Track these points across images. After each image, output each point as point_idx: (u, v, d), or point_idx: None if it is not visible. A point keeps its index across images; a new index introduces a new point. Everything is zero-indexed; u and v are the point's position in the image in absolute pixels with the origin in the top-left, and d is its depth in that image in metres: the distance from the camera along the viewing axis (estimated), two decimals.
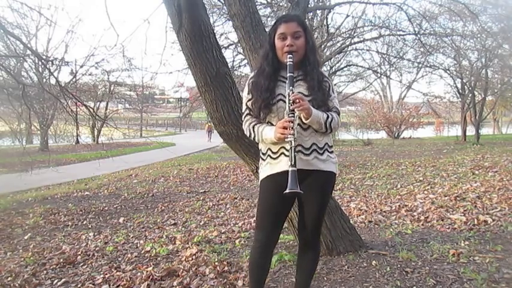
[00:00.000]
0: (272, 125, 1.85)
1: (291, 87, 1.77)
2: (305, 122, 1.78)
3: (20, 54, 11.06)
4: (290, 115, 1.73)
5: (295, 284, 2.12)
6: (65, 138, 22.11)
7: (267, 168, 1.89)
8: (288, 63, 1.81)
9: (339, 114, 1.88)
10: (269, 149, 1.88)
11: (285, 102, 1.79)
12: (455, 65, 14.22)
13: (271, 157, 1.87)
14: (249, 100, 1.91)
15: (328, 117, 1.81)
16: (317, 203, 1.88)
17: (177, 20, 2.65)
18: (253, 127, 1.89)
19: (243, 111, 1.97)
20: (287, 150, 1.78)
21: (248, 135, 1.94)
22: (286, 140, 1.73)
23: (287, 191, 1.66)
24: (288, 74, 1.80)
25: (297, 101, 1.72)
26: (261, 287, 2.01)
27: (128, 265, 3.19)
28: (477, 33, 9.91)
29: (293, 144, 1.71)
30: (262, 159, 1.93)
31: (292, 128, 1.71)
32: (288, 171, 1.72)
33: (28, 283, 2.92)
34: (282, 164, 1.80)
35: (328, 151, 1.89)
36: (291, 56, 1.81)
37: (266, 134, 1.83)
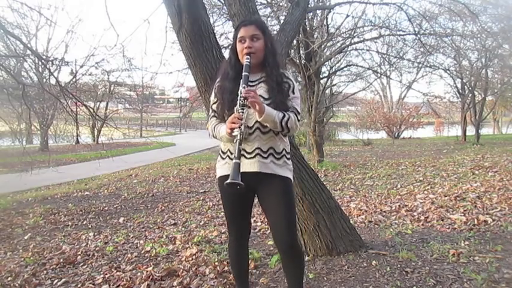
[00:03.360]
0: None
1: (243, 85, 1.82)
2: (259, 119, 1.82)
3: (20, 54, 11.02)
4: (240, 111, 1.80)
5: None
6: (65, 138, 22.04)
7: (226, 168, 1.94)
8: (244, 64, 1.88)
9: (297, 115, 1.90)
10: (229, 149, 1.95)
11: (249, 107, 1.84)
12: (455, 65, 14.19)
13: (230, 157, 1.93)
14: (214, 103, 2.00)
15: (284, 116, 1.85)
16: (279, 205, 1.90)
17: (177, 20, 2.65)
18: (214, 127, 1.98)
19: (208, 113, 2.06)
20: (247, 153, 1.87)
21: (211, 136, 2.03)
22: (233, 134, 1.79)
23: (228, 181, 1.71)
24: (243, 73, 1.86)
25: (249, 95, 1.77)
26: (243, 279, 2.14)
27: (127, 265, 3.20)
28: (477, 33, 9.89)
29: (239, 138, 1.77)
30: (222, 157, 2.00)
31: (240, 123, 1.77)
32: (248, 172, 1.83)
33: (28, 283, 2.93)
34: (242, 165, 1.82)
35: (286, 157, 1.96)
36: (248, 57, 1.89)
37: (221, 131, 1.91)
